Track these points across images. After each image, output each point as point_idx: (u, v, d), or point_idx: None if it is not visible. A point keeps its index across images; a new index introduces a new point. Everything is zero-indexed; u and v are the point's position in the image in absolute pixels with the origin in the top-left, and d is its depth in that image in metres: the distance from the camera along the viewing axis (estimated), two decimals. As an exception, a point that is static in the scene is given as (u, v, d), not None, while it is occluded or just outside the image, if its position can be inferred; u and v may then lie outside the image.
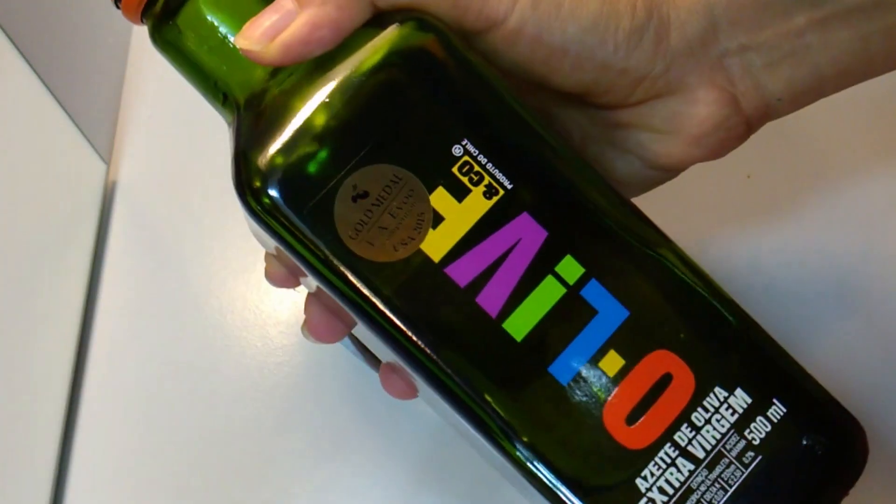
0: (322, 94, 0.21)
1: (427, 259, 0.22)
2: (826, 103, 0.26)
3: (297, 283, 0.26)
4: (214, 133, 0.46)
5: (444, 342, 0.22)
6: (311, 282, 0.23)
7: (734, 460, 0.22)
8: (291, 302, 0.40)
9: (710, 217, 0.39)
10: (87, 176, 0.42)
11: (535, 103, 0.26)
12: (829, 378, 0.34)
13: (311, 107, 0.21)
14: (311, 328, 0.26)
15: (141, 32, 0.51)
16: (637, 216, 0.23)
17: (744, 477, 0.22)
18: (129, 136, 0.45)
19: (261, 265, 0.41)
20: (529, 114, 0.22)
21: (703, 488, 0.22)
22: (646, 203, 0.28)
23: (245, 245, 0.41)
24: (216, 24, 0.23)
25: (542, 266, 0.22)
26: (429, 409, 0.36)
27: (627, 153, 0.26)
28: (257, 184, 0.21)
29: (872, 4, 0.23)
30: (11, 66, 0.36)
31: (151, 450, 0.37)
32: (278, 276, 0.26)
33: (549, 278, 0.22)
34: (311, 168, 0.21)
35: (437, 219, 0.22)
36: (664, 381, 0.22)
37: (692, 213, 0.39)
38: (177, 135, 0.45)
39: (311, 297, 0.26)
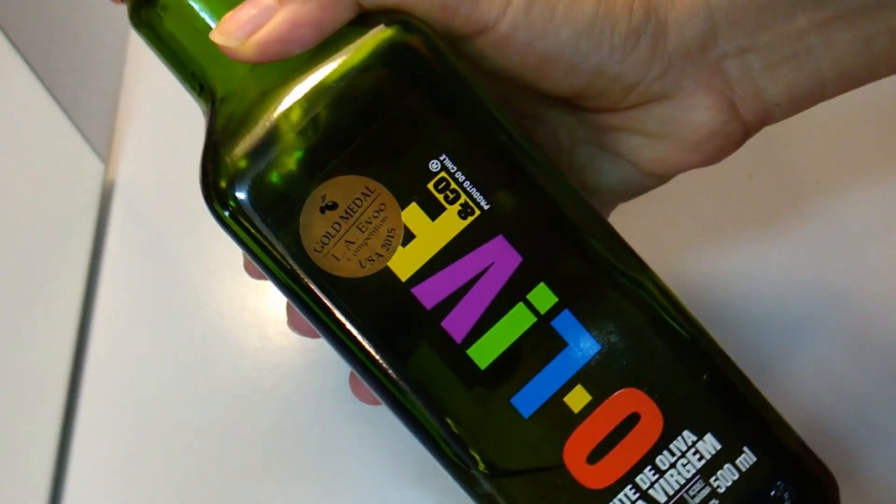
0: (297, 95, 0.20)
1: (394, 277, 0.21)
2: (832, 104, 0.25)
3: None
4: (213, 132, 0.46)
5: (405, 364, 0.21)
6: None
7: None
8: (290, 302, 0.40)
9: (710, 220, 0.39)
10: (85, 175, 0.42)
11: (522, 105, 0.26)
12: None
13: (284, 109, 0.20)
14: (294, 323, 0.26)
15: (139, 31, 0.51)
16: (619, 243, 0.22)
17: None
18: (127, 135, 0.45)
19: (260, 265, 0.41)
20: (515, 130, 0.21)
21: None
22: (644, 202, 0.28)
23: (244, 245, 0.41)
24: (197, 10, 0.22)
25: (513, 293, 0.21)
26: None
27: (619, 158, 0.25)
28: (223, 185, 0.20)
29: (876, 5, 0.22)
30: (10, 66, 0.36)
31: (149, 450, 0.37)
32: (255, 269, 0.26)
33: (520, 306, 0.21)
34: (280, 174, 0.20)
35: (408, 236, 0.21)
36: (631, 421, 0.21)
37: (689, 214, 0.38)
38: (175, 134, 0.45)
39: None
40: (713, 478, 0.21)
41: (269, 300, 0.40)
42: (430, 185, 0.21)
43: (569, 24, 0.22)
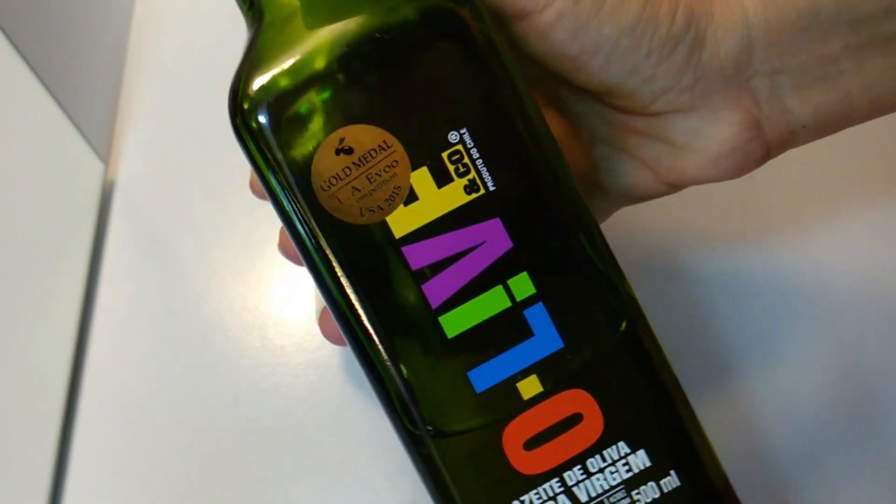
0: (340, 37, 0.21)
1: (388, 232, 0.21)
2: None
3: None
4: (213, 132, 0.46)
5: (377, 315, 0.22)
6: None
7: None
8: (291, 303, 0.40)
9: (710, 218, 0.39)
10: (85, 175, 0.42)
11: (552, 92, 0.26)
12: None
13: (326, 46, 0.21)
14: (283, 246, 0.26)
15: (140, 30, 0.51)
16: (607, 252, 0.23)
17: None
18: (127, 135, 0.45)
19: (260, 265, 0.42)
20: (539, 121, 0.22)
21: None
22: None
23: (244, 245, 0.41)
24: None
25: (495, 274, 0.22)
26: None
27: (638, 161, 0.26)
28: (249, 104, 0.21)
29: None
30: (9, 65, 0.36)
31: (149, 450, 0.37)
32: (259, 189, 0.27)
33: (499, 288, 0.22)
34: (305, 107, 0.21)
35: (412, 197, 0.21)
36: (573, 420, 0.22)
37: (689, 212, 0.38)
38: (175, 134, 0.45)
39: None
40: (636, 491, 0.23)
41: (269, 300, 0.40)
42: (445, 155, 0.21)
43: (613, 21, 0.22)
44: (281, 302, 0.40)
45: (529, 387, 0.22)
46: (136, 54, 0.48)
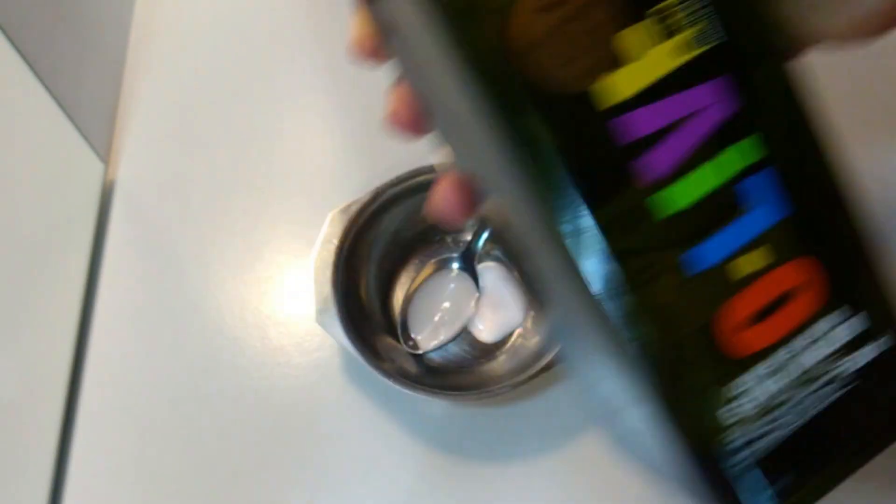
0: None
1: (592, 102, 0.18)
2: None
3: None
4: (213, 132, 0.46)
5: (586, 197, 0.19)
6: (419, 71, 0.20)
7: (825, 384, 0.21)
8: (291, 303, 0.40)
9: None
10: (85, 175, 0.42)
11: None
12: None
13: None
14: (398, 117, 0.23)
15: (140, 30, 0.51)
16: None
17: (830, 399, 0.21)
18: (127, 135, 0.45)
19: (260, 266, 0.42)
20: None
21: (789, 404, 0.21)
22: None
23: (244, 245, 0.41)
24: None
25: (719, 141, 0.19)
26: (430, 413, 0.36)
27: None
28: None
29: None
30: (9, 65, 0.36)
31: (149, 450, 0.37)
32: (368, 48, 0.22)
33: (723, 155, 0.19)
34: None
35: (622, 60, 0.18)
36: (790, 295, 0.20)
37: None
38: (175, 134, 0.45)
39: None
40: (856, 352, 0.21)
41: (270, 300, 0.40)
42: (665, 3, 0.18)
43: None
44: (281, 302, 0.40)
45: (748, 263, 0.20)
46: (136, 54, 0.48)
